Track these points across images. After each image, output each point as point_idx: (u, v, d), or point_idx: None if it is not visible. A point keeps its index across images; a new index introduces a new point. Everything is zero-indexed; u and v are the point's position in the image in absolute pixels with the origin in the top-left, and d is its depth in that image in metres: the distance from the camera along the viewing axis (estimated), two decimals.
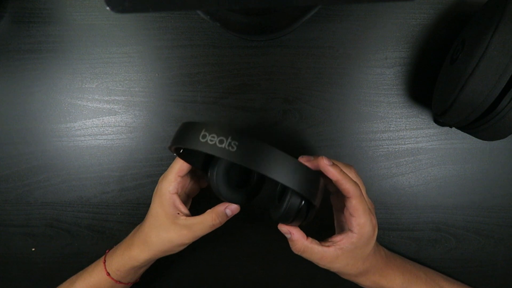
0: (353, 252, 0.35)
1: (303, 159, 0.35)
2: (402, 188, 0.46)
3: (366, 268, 0.37)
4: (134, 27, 0.45)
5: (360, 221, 0.34)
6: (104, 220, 0.47)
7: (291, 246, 0.36)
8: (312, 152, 0.46)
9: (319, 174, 0.33)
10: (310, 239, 0.35)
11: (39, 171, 0.46)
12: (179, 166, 0.37)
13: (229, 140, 0.28)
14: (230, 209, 0.37)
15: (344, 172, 0.34)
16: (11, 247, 0.48)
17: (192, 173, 0.40)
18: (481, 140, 0.44)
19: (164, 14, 0.44)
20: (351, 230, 0.34)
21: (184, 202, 0.40)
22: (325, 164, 0.33)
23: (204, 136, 0.28)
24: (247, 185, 0.39)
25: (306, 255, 0.35)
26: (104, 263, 0.40)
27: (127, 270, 0.39)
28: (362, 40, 0.44)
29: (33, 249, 0.48)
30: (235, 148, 0.28)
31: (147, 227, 0.38)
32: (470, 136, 0.43)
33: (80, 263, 0.46)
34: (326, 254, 0.35)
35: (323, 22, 0.44)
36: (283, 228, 0.35)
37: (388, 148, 0.46)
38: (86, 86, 0.46)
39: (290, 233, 0.35)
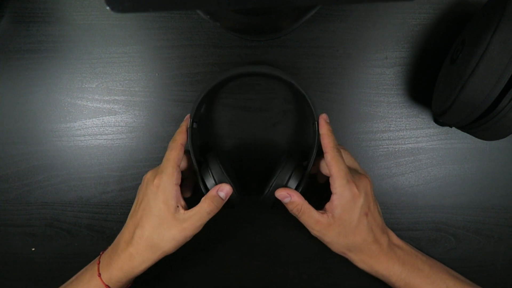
0: (342, 219, 0.36)
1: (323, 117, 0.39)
2: (402, 188, 0.46)
3: (357, 242, 0.37)
4: (134, 27, 0.45)
5: (338, 181, 0.35)
6: (104, 220, 0.47)
7: (289, 207, 0.36)
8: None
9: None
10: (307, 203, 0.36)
11: (39, 171, 0.46)
12: (176, 155, 0.36)
13: None
14: (222, 190, 0.36)
15: (331, 131, 0.37)
16: (11, 247, 0.48)
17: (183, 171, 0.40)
18: (481, 140, 0.44)
19: (164, 14, 0.44)
20: (333, 193, 0.36)
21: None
22: (324, 119, 0.38)
23: None
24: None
25: (303, 217, 0.36)
26: (100, 276, 0.37)
27: (128, 281, 0.38)
28: (362, 40, 0.44)
29: (33, 249, 0.48)
30: None
31: (148, 231, 0.36)
32: (470, 136, 0.43)
33: (80, 263, 0.46)
34: (321, 219, 0.36)
35: (323, 22, 0.44)
36: (282, 191, 0.36)
37: (388, 148, 0.46)
38: (86, 86, 0.46)
39: (290, 195, 0.36)
